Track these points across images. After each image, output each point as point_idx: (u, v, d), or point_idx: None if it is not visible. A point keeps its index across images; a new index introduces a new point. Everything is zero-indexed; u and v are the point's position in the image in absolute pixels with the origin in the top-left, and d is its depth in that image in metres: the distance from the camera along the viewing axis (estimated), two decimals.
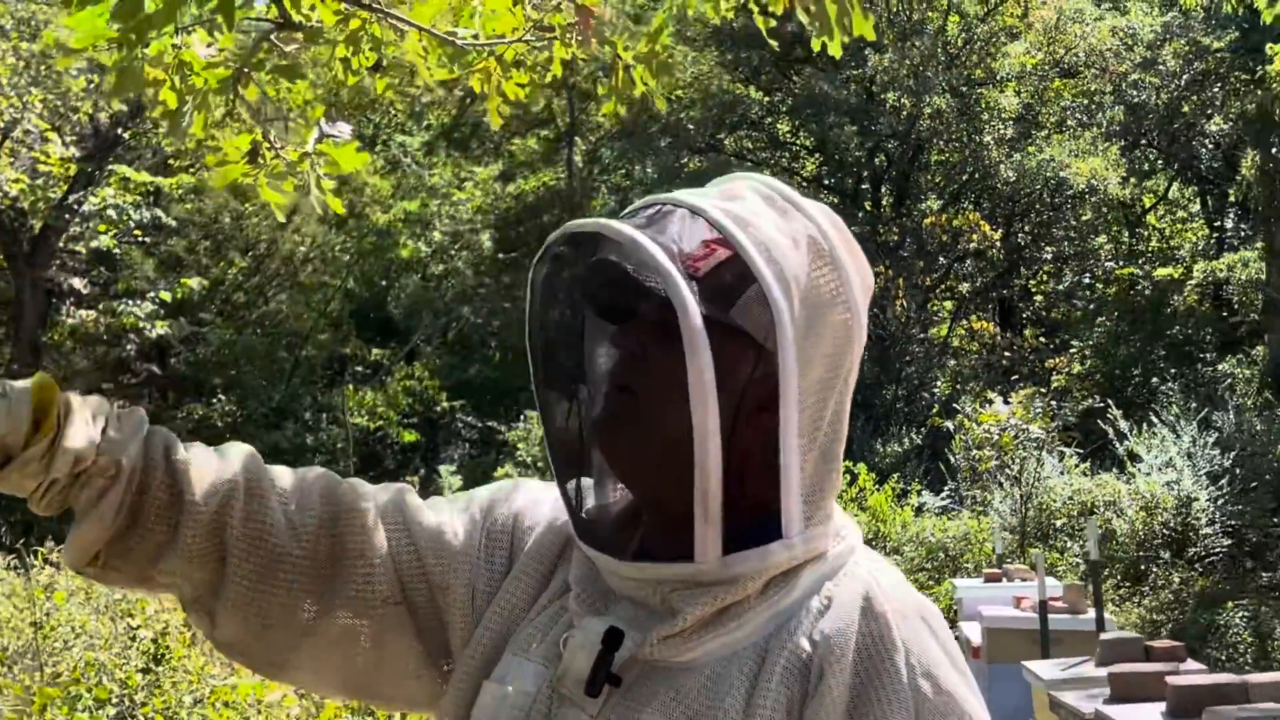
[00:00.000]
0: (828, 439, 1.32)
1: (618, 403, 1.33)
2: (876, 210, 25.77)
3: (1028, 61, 25.97)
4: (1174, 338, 23.65)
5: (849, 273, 1.34)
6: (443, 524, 1.47)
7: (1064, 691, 5.95)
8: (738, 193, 1.35)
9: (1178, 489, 14.76)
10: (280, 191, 2.62)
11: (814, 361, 1.29)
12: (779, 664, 1.27)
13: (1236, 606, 12.66)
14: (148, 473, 1.38)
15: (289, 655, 1.44)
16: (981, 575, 11.09)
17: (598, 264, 1.33)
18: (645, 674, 1.31)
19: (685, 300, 1.24)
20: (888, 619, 1.28)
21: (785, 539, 1.29)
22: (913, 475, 17.97)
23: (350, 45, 2.50)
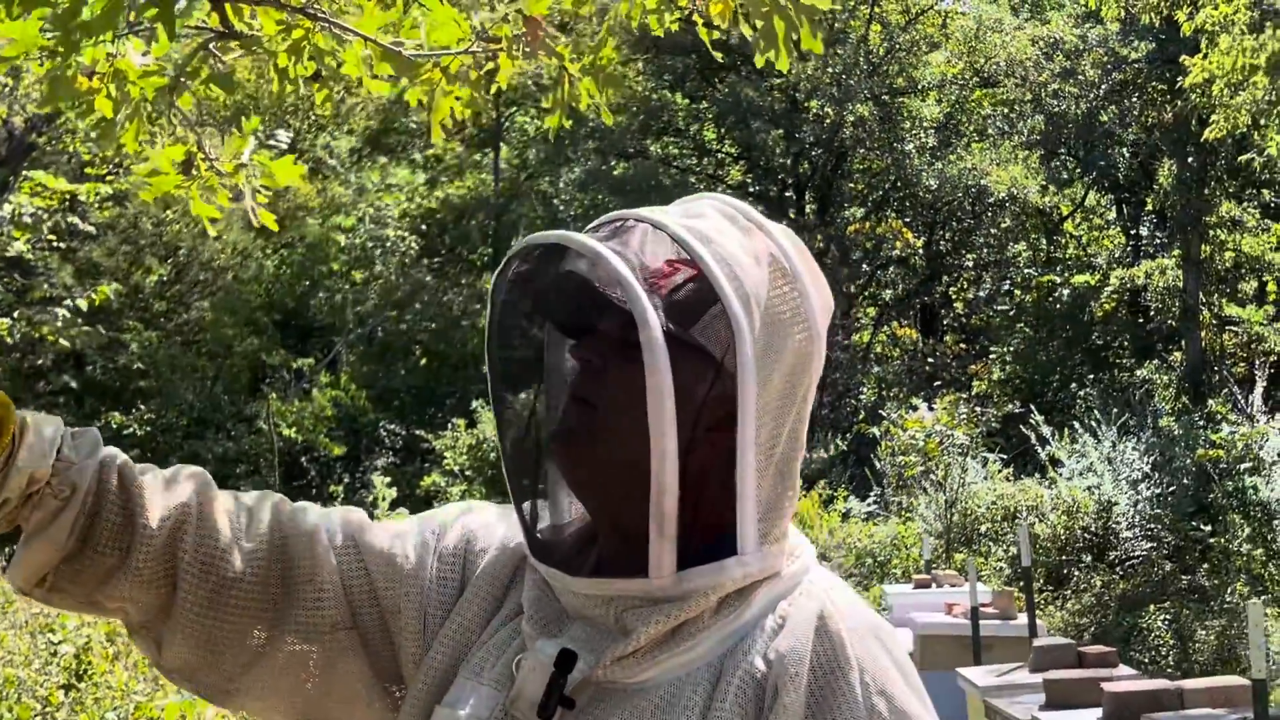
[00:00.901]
0: (785, 457, 1.31)
1: (576, 416, 1.31)
2: (800, 217, 25.91)
3: (948, 71, 26.28)
4: (1092, 344, 24.02)
5: (809, 292, 1.34)
6: (394, 547, 1.44)
7: (999, 698, 5.98)
8: (700, 211, 1.35)
9: (1098, 493, 14.97)
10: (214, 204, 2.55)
11: (772, 379, 1.29)
12: (733, 684, 1.26)
13: (1158, 609, 12.84)
14: (101, 495, 1.36)
15: (237, 681, 1.42)
16: (910, 581, 11.16)
17: (559, 276, 1.32)
18: (599, 696, 1.29)
19: (646, 314, 1.24)
20: (842, 638, 1.27)
21: (740, 555, 1.28)
22: (839, 481, 18.08)
23: (291, 55, 2.44)
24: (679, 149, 27.19)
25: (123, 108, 2.37)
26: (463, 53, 2.58)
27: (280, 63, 2.47)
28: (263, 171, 2.55)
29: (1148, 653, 12.23)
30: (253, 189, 2.52)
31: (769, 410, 1.29)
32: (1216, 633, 12.37)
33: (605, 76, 2.71)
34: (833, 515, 16.05)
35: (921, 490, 15.76)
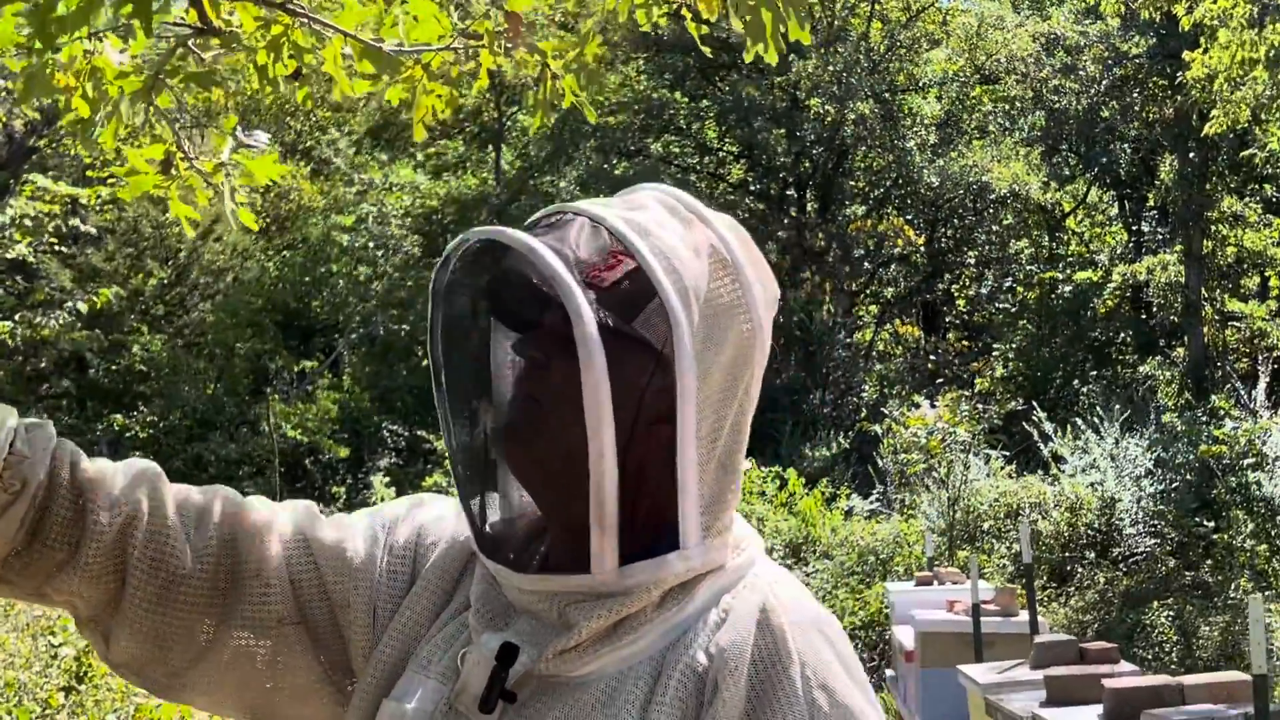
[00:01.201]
0: (727, 450, 1.31)
1: (518, 412, 1.32)
2: (802, 215, 25.90)
3: (950, 68, 26.25)
4: (1095, 340, 23.98)
5: (751, 283, 1.33)
6: (344, 541, 1.44)
7: (1000, 695, 5.96)
8: (641, 203, 1.34)
9: (1101, 490, 14.94)
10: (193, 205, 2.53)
11: (713, 371, 1.28)
12: (674, 678, 1.25)
13: (1161, 606, 12.81)
14: (52, 489, 1.35)
15: (184, 676, 1.41)
16: (913, 579, 11.13)
17: (497, 273, 1.33)
18: (541, 689, 1.29)
19: (580, 309, 1.23)
20: (784, 631, 1.27)
21: (682, 549, 1.27)
22: (841, 479, 18.06)
23: (270, 52, 2.42)
24: (680, 148, 27.17)
25: (101, 106, 2.35)
26: (444, 49, 2.56)
27: (259, 60, 2.45)
28: (242, 170, 2.53)
29: (1151, 649, 12.19)
30: (231, 188, 2.49)
31: (710, 403, 1.28)
32: (1220, 629, 12.34)
33: (588, 73, 2.68)
34: (835, 513, 16.03)
35: (924, 488, 15.74)
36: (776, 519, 15.59)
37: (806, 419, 21.78)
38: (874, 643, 12.96)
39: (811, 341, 23.38)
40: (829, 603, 13.52)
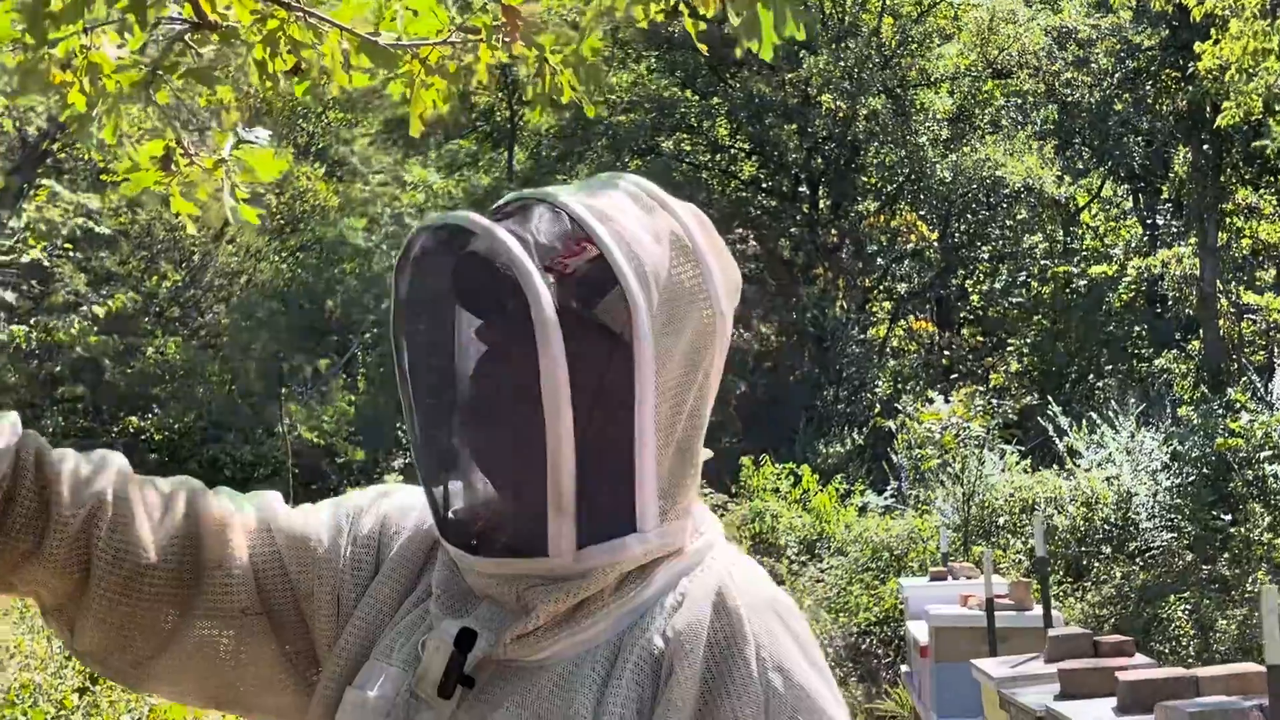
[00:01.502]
0: (686, 435, 1.31)
1: (478, 396, 1.33)
2: (814, 212, 25.85)
3: (961, 62, 26.18)
4: (1110, 334, 23.89)
5: (713, 271, 1.34)
6: (308, 531, 1.44)
7: (1014, 689, 5.93)
8: (604, 190, 1.35)
9: (1117, 484, 14.88)
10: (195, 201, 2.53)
11: (672, 357, 1.29)
12: (631, 661, 1.26)
13: (1178, 600, 12.76)
14: (17, 480, 1.35)
15: (148, 666, 1.41)
16: (927, 574, 11.10)
17: (458, 258, 1.33)
18: (499, 674, 1.30)
19: (538, 292, 1.24)
20: (739, 613, 1.27)
21: (639, 533, 1.28)
22: (856, 475, 18.03)
23: (267, 46, 2.41)
24: (691, 145, 27.13)
25: (99, 102, 2.35)
26: (441, 43, 2.55)
27: (256, 55, 2.44)
28: (243, 166, 2.52)
29: (1168, 643, 12.15)
30: (232, 184, 2.49)
31: (669, 388, 1.29)
32: (1238, 622, 12.29)
33: (586, 68, 2.67)
34: (849, 510, 16.00)
35: (939, 483, 15.70)
36: (791, 515, 15.57)
37: (820, 415, 21.75)
38: (889, 638, 12.93)
39: (825, 338, 23.34)
40: (843, 599, 13.50)
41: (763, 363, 24.79)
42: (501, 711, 1.27)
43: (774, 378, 23.82)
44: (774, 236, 25.75)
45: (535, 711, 1.26)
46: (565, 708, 1.25)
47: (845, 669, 12.58)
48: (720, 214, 25.18)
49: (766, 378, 24.07)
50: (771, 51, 2.52)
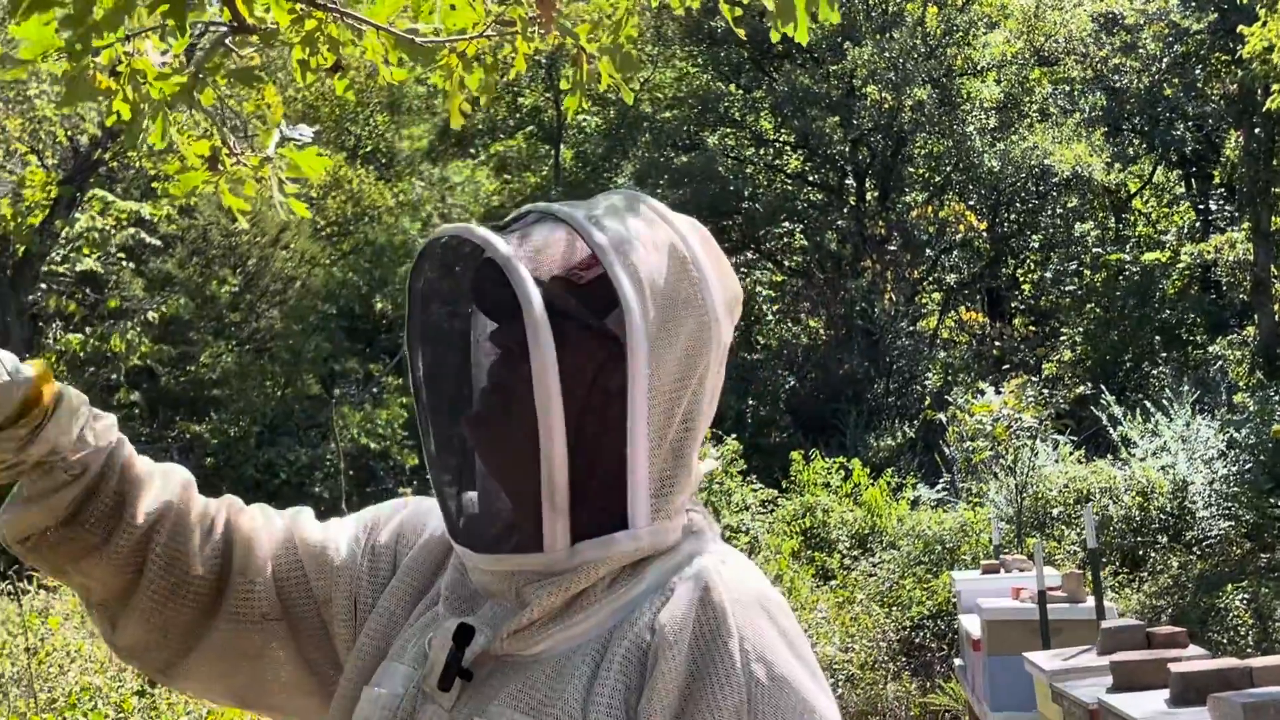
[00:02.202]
0: (679, 438, 1.36)
1: (484, 398, 1.41)
2: (861, 204, 25.73)
3: (1008, 50, 25.97)
4: (1164, 321, 23.64)
5: (710, 280, 1.40)
6: (328, 541, 1.56)
7: (1066, 682, 5.89)
8: (605, 202, 1.42)
9: (1173, 473, 14.73)
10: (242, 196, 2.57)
11: (667, 362, 1.34)
12: (619, 653, 1.31)
13: (1236, 589, 12.60)
14: (104, 479, 1.48)
15: (179, 664, 1.54)
16: (979, 568, 11.04)
17: (459, 267, 1.41)
18: (497, 668, 1.36)
19: (528, 293, 1.30)
20: (724, 608, 1.31)
21: (631, 529, 1.34)
22: (907, 469, 17.94)
23: (306, 47, 2.44)
24: (736, 140, 27.07)
25: (144, 107, 2.39)
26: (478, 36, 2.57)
27: (297, 55, 2.47)
28: (288, 164, 2.56)
29: (1226, 633, 12.01)
30: (279, 180, 2.53)
31: (663, 391, 1.34)
32: None
33: (622, 56, 2.68)
34: (901, 503, 15.93)
35: (992, 475, 15.59)
36: (842, 510, 15.52)
37: (870, 409, 21.65)
38: (942, 632, 12.87)
39: (874, 331, 23.23)
40: (896, 593, 13.45)
41: (812, 357, 24.71)
42: (497, 703, 1.33)
43: (823, 372, 23.73)
44: (821, 229, 25.65)
45: (528, 702, 1.33)
46: (556, 696, 1.30)
47: (899, 663, 12.53)
48: (766, 208, 25.13)
49: (815, 372, 23.99)
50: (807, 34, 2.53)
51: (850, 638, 12.36)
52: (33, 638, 8.81)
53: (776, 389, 23.27)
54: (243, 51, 2.41)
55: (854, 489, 16.08)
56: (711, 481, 15.40)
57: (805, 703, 1.29)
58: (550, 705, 1.30)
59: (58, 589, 11.39)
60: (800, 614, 11.68)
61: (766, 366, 24.07)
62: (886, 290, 23.60)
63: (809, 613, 12.46)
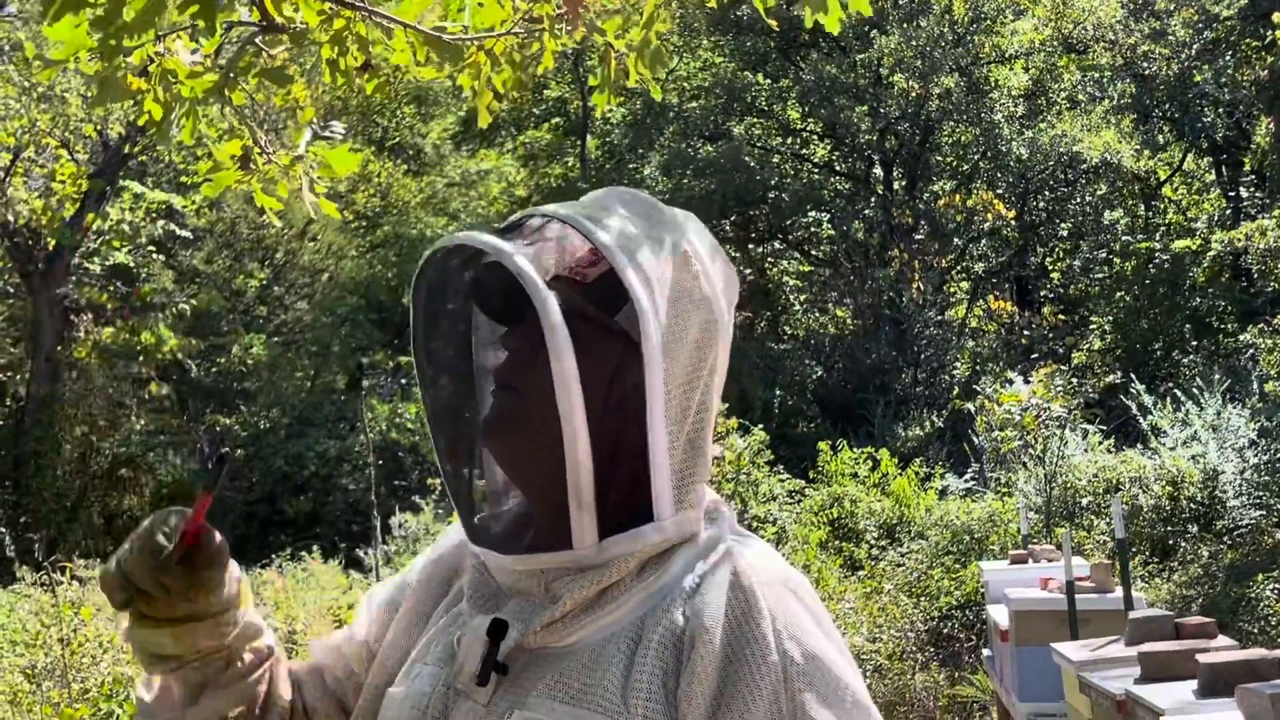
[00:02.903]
0: (695, 429, 1.40)
1: (500, 402, 1.43)
2: (889, 193, 25.65)
3: (1036, 37, 25.82)
4: (1195, 310, 23.49)
5: (712, 275, 1.44)
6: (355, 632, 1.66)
7: (1094, 672, 5.87)
8: (605, 203, 1.45)
9: (1203, 462, 14.64)
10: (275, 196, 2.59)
11: (679, 356, 1.38)
12: (654, 639, 1.35)
13: (1267, 579, 12.53)
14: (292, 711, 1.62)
15: None
16: (1008, 558, 11.00)
17: (468, 275, 1.44)
18: (532, 661, 1.39)
19: (544, 298, 1.32)
20: (754, 590, 1.35)
21: (657, 522, 1.38)
22: (935, 459, 17.90)
23: (335, 46, 2.46)
24: (762, 129, 27.01)
25: (175, 107, 2.42)
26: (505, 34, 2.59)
27: (325, 54, 2.50)
28: (320, 162, 2.58)
29: (1257, 623, 11.94)
30: (310, 179, 2.55)
31: (678, 385, 1.38)
32: None
33: (651, 53, 2.70)
34: (930, 493, 15.89)
35: (1021, 465, 15.54)
36: (870, 500, 15.50)
37: (898, 398, 21.60)
38: (970, 623, 12.84)
39: (902, 320, 23.17)
40: (924, 583, 13.42)
41: (839, 347, 24.67)
42: (535, 694, 1.36)
43: (851, 361, 23.68)
44: (848, 219, 25.58)
45: (567, 691, 1.35)
46: (595, 684, 1.34)
47: (927, 653, 12.50)
48: (793, 198, 25.08)
49: (843, 362, 23.95)
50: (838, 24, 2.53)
51: (878, 628, 12.34)
52: (66, 629, 8.89)
53: (804, 379, 23.25)
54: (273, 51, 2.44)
55: (881, 479, 16.05)
56: (738, 471, 15.40)
57: (838, 679, 1.33)
58: (589, 693, 1.33)
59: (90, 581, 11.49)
60: (828, 604, 11.67)
61: (794, 356, 24.05)
62: (914, 279, 23.52)
63: (836, 603, 12.46)
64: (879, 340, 23.18)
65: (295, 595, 11.15)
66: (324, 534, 18.57)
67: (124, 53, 2.17)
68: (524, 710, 1.35)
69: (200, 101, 2.39)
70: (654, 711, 1.31)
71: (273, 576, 12.52)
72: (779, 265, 28.11)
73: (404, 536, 15.17)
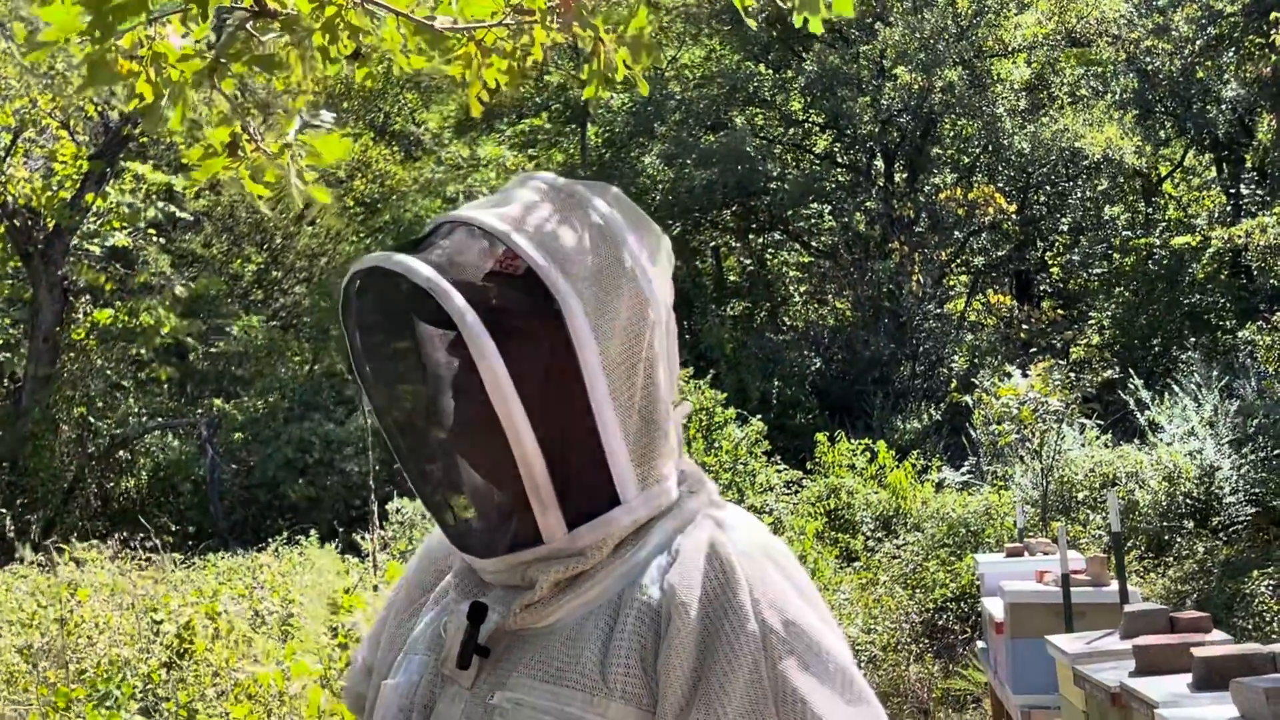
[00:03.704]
0: (645, 403, 1.39)
1: (455, 411, 1.43)
2: (890, 185, 25.63)
3: (1039, 31, 25.78)
4: (1193, 306, 23.48)
5: (629, 241, 1.42)
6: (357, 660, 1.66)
7: (1088, 665, 5.89)
8: (514, 196, 1.44)
9: (1200, 458, 14.65)
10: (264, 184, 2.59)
11: (612, 335, 1.37)
12: (631, 614, 1.35)
13: (1262, 575, 12.55)
14: None
15: None
16: (1003, 550, 11.02)
17: (389, 296, 1.43)
18: (513, 643, 1.40)
19: (459, 308, 1.32)
20: (732, 561, 1.35)
21: (625, 504, 1.38)
22: (932, 451, 17.91)
23: (327, 33, 2.46)
24: (764, 120, 26.97)
25: (165, 91, 2.41)
26: (496, 25, 2.59)
27: (316, 41, 2.49)
28: (309, 150, 2.58)
29: (1251, 619, 11.96)
30: (298, 168, 2.55)
31: (618, 365, 1.37)
32: None
33: (641, 46, 2.69)
34: (926, 485, 15.91)
35: (1017, 458, 15.55)
36: (866, 492, 15.52)
37: (896, 391, 21.61)
38: (965, 615, 12.86)
39: (901, 312, 23.16)
40: (920, 574, 13.44)
41: (838, 338, 24.67)
42: (517, 674, 1.37)
43: (849, 353, 23.69)
44: (849, 211, 25.56)
45: (547, 670, 1.35)
46: (574, 662, 1.35)
47: (921, 645, 12.53)
48: (794, 189, 25.05)
49: (842, 353, 23.95)
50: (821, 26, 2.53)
51: (873, 619, 12.37)
52: (64, 609, 8.90)
53: (802, 370, 23.24)
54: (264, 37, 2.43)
55: (879, 471, 16.06)
56: (735, 461, 15.41)
57: (819, 644, 1.33)
58: (569, 670, 1.34)
59: (87, 563, 11.49)
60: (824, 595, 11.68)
61: (793, 347, 24.04)
62: (914, 272, 23.51)
63: (832, 594, 12.48)
64: (878, 332, 23.18)
65: (291, 579, 11.16)
66: (321, 518, 18.58)
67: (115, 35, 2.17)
68: (505, 691, 1.36)
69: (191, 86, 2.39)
70: (633, 685, 1.32)
71: (270, 560, 12.54)
72: (779, 256, 28.10)
73: (400, 522, 15.17)
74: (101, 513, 19.15)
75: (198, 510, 19.41)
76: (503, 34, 2.63)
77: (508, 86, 2.72)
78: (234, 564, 13.01)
